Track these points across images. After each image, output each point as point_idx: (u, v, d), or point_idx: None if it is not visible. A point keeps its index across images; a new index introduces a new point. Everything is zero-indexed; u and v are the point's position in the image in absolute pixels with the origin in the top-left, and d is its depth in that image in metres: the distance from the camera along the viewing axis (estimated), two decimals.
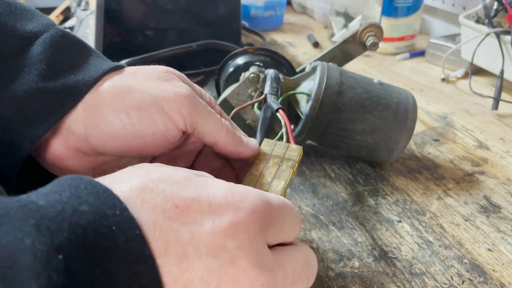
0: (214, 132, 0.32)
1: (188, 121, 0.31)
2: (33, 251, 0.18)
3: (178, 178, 0.23)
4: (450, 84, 0.78)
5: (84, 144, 0.30)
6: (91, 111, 0.29)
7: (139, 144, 0.31)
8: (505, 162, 0.55)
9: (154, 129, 0.30)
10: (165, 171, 0.23)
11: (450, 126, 0.63)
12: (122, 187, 0.21)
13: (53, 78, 0.29)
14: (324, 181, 0.51)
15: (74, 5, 1.21)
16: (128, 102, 0.29)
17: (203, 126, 0.31)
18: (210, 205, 0.22)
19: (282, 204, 0.25)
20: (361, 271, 0.38)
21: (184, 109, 0.30)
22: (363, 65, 0.85)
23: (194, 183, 0.23)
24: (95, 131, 0.30)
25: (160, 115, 0.30)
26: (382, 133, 0.48)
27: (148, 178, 0.22)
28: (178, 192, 0.22)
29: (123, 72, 0.32)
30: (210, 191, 0.23)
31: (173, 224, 0.21)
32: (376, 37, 0.55)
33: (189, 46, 0.73)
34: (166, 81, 0.31)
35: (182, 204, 0.22)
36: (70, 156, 0.31)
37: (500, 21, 0.70)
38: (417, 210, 0.46)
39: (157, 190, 0.22)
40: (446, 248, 0.41)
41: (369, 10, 0.91)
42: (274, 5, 1.04)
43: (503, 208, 0.47)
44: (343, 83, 0.47)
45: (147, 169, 0.23)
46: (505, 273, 0.38)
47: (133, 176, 0.22)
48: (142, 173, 0.23)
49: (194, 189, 0.23)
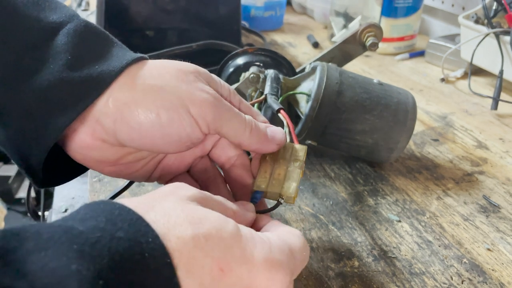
0: (238, 134, 0.33)
1: (212, 126, 0.31)
2: (78, 276, 0.18)
3: (226, 235, 0.24)
4: (449, 84, 0.78)
5: (111, 137, 0.31)
6: (122, 107, 0.30)
7: (164, 143, 0.31)
8: (504, 162, 0.55)
9: (181, 130, 0.31)
10: (215, 221, 0.24)
11: (449, 126, 0.64)
12: (174, 236, 0.22)
13: (77, 68, 0.29)
14: (324, 181, 0.51)
15: (75, 5, 1.21)
16: (159, 102, 0.30)
17: (227, 129, 0.32)
18: (251, 271, 0.24)
19: (305, 256, 0.28)
20: (360, 271, 0.38)
21: (209, 115, 0.31)
22: (363, 65, 0.86)
23: (239, 244, 0.24)
24: (124, 127, 0.30)
25: (187, 118, 0.30)
26: (381, 133, 0.48)
27: (200, 232, 0.23)
28: (225, 255, 0.23)
29: (149, 66, 0.32)
30: (253, 252, 0.24)
31: (216, 285, 0.23)
32: (375, 37, 0.55)
33: (189, 46, 0.73)
34: (194, 83, 0.31)
35: (226, 268, 0.23)
36: (96, 147, 0.31)
37: (499, 21, 0.70)
38: (416, 210, 0.46)
39: (207, 249, 0.23)
40: (445, 248, 0.41)
41: (369, 11, 0.91)
42: (274, 5, 1.04)
43: (502, 208, 0.47)
44: (343, 83, 0.47)
45: (198, 215, 0.24)
46: (504, 272, 0.39)
47: (185, 222, 0.23)
48: (194, 222, 0.24)
49: (239, 252, 0.24)
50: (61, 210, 0.48)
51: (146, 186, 0.49)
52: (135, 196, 0.47)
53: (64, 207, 0.48)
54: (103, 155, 0.32)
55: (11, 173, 1.83)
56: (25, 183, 1.86)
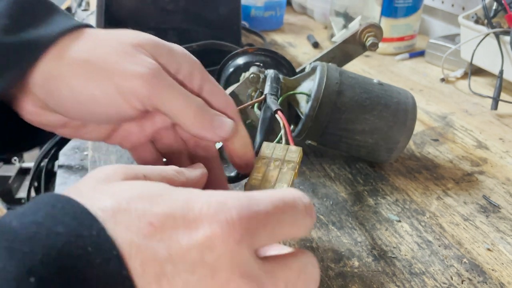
0: (180, 114, 0.30)
1: (147, 102, 0.30)
2: (3, 275, 0.18)
3: (150, 195, 0.22)
4: (449, 84, 0.78)
5: (47, 106, 0.31)
6: (49, 80, 0.29)
7: (94, 118, 0.31)
8: (504, 162, 0.55)
9: (108, 107, 0.30)
10: (136, 188, 0.23)
11: (449, 126, 0.64)
12: (94, 209, 0.21)
13: (13, 33, 0.29)
14: (324, 181, 0.51)
15: (75, 6, 1.21)
16: (83, 77, 0.29)
17: (167, 108, 0.30)
18: (185, 220, 0.21)
19: (277, 204, 0.23)
20: (360, 271, 0.38)
21: (143, 91, 0.29)
22: (363, 65, 0.86)
23: (168, 197, 0.22)
24: (52, 100, 0.30)
25: (113, 94, 0.29)
26: (381, 133, 0.48)
27: (120, 197, 0.22)
28: (151, 209, 0.21)
29: (88, 36, 0.31)
30: (184, 205, 0.22)
31: (149, 243, 0.20)
32: (375, 37, 0.55)
33: (189, 47, 0.73)
34: (131, 56, 0.30)
35: (156, 221, 0.21)
36: (38, 113, 0.31)
37: (499, 21, 0.70)
38: (416, 210, 0.46)
39: (129, 209, 0.21)
40: (445, 248, 0.41)
41: (369, 11, 0.91)
42: (274, 5, 1.04)
43: (502, 208, 0.47)
44: (343, 83, 0.47)
45: (119, 187, 0.23)
46: (504, 272, 0.39)
47: (105, 196, 0.22)
48: (113, 192, 0.22)
49: (168, 204, 0.22)
50: None
51: None
52: None
53: None
54: (48, 119, 0.32)
55: (11, 173, 1.83)
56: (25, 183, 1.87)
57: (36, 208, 0.21)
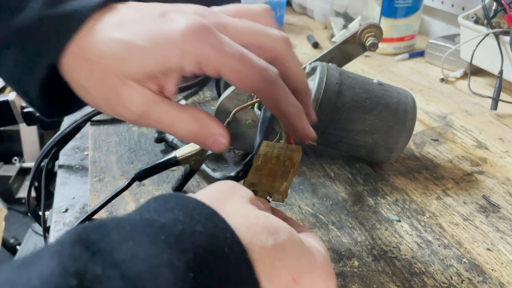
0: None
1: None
2: (172, 267, 0.19)
3: (295, 245, 0.25)
4: (449, 84, 0.78)
5: None
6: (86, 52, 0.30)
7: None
8: (504, 162, 0.55)
9: None
10: (286, 230, 0.25)
11: (449, 126, 0.64)
12: (257, 246, 0.23)
13: (55, 4, 0.30)
14: (324, 180, 0.51)
15: None
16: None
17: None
18: (314, 281, 0.24)
19: None
20: (360, 271, 0.38)
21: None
22: (363, 66, 0.86)
23: (305, 253, 0.25)
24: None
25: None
26: (381, 133, 0.48)
27: (279, 243, 0.24)
28: (297, 265, 0.24)
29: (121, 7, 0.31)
30: (314, 261, 0.25)
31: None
32: (375, 37, 0.55)
33: None
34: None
35: (298, 278, 0.23)
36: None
37: (499, 21, 0.70)
38: (416, 210, 0.46)
39: (283, 259, 0.23)
40: (445, 248, 0.41)
41: (369, 11, 0.91)
42: (274, 5, 1.04)
43: (502, 208, 0.47)
44: (342, 83, 0.48)
45: (272, 223, 0.25)
46: (504, 272, 0.39)
47: (264, 231, 0.24)
48: (272, 232, 0.24)
49: (305, 262, 0.25)
50: (62, 210, 0.48)
51: (146, 186, 0.49)
52: (135, 196, 0.47)
53: (64, 207, 0.49)
54: None
55: (11, 173, 1.83)
56: (25, 183, 1.86)
57: (169, 206, 0.22)
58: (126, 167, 0.53)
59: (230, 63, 0.28)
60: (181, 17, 0.29)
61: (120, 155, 0.55)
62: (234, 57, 0.28)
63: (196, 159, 0.43)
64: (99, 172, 0.52)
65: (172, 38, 0.28)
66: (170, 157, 0.43)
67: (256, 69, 0.28)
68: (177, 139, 0.54)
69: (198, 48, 0.28)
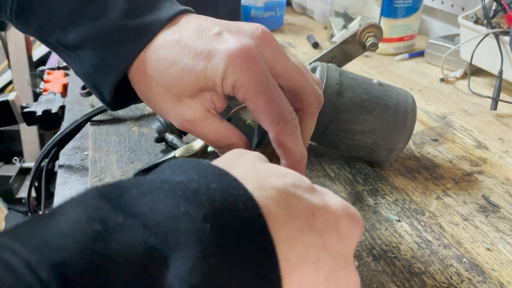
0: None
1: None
2: (191, 217, 0.20)
3: (307, 186, 0.25)
4: (449, 84, 0.78)
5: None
6: (157, 62, 0.33)
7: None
8: (504, 162, 0.55)
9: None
10: (295, 174, 0.26)
11: (449, 126, 0.64)
12: (269, 187, 0.23)
13: (133, 17, 0.33)
14: (324, 180, 0.51)
15: None
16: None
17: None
18: (334, 216, 0.25)
19: None
20: (360, 271, 0.38)
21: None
22: (363, 66, 0.86)
23: (317, 193, 0.26)
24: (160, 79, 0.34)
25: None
26: (381, 134, 0.48)
27: (288, 183, 0.24)
28: (312, 201, 0.24)
29: (186, 19, 0.35)
30: (330, 201, 0.26)
31: (311, 231, 0.24)
32: (375, 37, 0.55)
33: None
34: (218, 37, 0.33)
35: (317, 212, 0.24)
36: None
37: (499, 21, 0.70)
38: (416, 210, 0.46)
39: (297, 197, 0.24)
40: (445, 248, 0.41)
41: (369, 11, 0.91)
42: (274, 5, 1.04)
43: (502, 208, 0.47)
44: (342, 83, 0.48)
45: (280, 170, 0.26)
46: (504, 272, 0.39)
47: (273, 175, 0.25)
48: (280, 175, 0.25)
49: (321, 198, 0.25)
50: None
51: None
52: None
53: None
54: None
55: (11, 173, 1.83)
56: (25, 183, 1.86)
57: (183, 169, 0.23)
58: (126, 167, 0.53)
59: (257, 100, 0.31)
60: (233, 38, 0.31)
61: (120, 155, 0.55)
62: (263, 94, 0.31)
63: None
64: (99, 172, 0.52)
65: (218, 60, 0.31)
66: (169, 157, 0.44)
67: (279, 115, 0.31)
68: (177, 139, 0.54)
69: (236, 73, 0.30)
